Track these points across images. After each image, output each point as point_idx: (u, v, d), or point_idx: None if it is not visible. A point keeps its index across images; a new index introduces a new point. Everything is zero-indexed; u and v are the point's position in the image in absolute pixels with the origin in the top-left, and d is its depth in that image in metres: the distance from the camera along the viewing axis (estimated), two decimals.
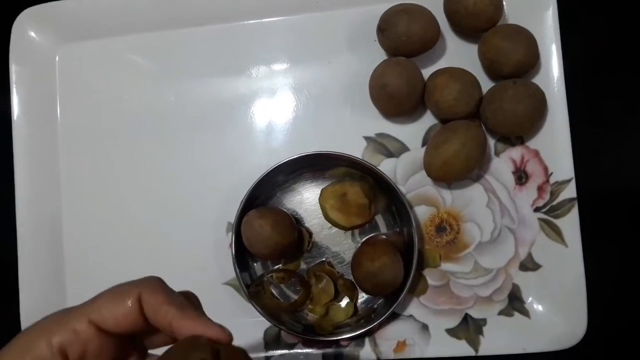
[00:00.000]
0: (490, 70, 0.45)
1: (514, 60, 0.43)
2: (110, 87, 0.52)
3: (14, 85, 0.51)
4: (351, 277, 0.47)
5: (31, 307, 0.50)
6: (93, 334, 0.26)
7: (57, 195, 0.51)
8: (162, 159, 0.51)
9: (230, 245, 0.46)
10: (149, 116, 0.51)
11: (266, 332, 0.48)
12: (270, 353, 0.47)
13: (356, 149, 0.48)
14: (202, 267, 0.49)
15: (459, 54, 0.48)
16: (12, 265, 0.50)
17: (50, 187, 0.51)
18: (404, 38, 0.44)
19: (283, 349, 0.47)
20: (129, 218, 0.51)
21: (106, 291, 0.28)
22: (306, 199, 0.49)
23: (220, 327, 0.27)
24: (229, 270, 0.47)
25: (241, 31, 0.50)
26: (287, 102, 0.50)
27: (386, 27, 0.45)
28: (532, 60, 0.44)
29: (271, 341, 0.48)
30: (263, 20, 0.50)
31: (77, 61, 0.52)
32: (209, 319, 0.27)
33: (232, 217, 0.46)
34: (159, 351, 0.27)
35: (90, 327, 0.26)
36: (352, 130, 0.48)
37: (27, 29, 0.52)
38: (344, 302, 0.47)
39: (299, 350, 0.47)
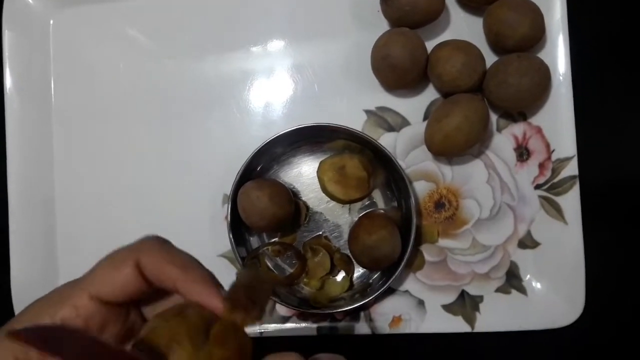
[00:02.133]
0: (495, 43, 0.44)
1: (520, 34, 0.42)
2: (105, 56, 0.50)
3: (7, 52, 0.50)
4: (348, 252, 0.46)
5: (22, 278, 0.49)
6: (94, 309, 0.26)
7: (50, 167, 0.51)
8: (157, 132, 0.50)
9: (226, 217, 0.45)
10: (144, 88, 0.50)
11: None
12: (265, 327, 0.47)
13: (356, 122, 0.47)
14: (198, 239, 0.48)
15: (463, 27, 0.46)
16: (4, 234, 0.49)
17: (43, 159, 0.50)
18: (407, 8, 0.43)
19: (277, 322, 0.47)
20: (123, 189, 0.50)
21: (103, 261, 0.27)
22: (304, 172, 0.48)
23: (219, 299, 0.25)
24: (224, 243, 0.46)
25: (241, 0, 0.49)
26: (286, 74, 0.49)
27: None
28: (538, 33, 0.43)
29: (265, 314, 0.47)
30: None
31: (72, 27, 0.51)
32: (214, 284, 0.26)
33: (228, 189, 0.45)
34: None
35: (91, 302, 0.26)
36: (353, 103, 0.48)
37: None
38: (339, 276, 0.47)
39: (293, 325, 0.47)
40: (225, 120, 0.49)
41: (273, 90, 0.49)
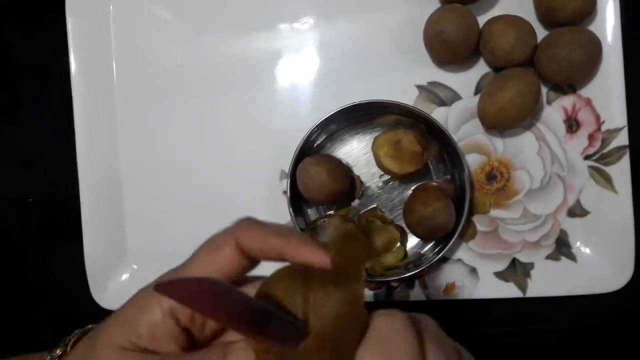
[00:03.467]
0: (546, 17, 0.45)
1: (572, 7, 0.43)
2: (163, 39, 0.52)
3: (71, 39, 0.52)
4: (401, 223, 0.48)
5: (94, 252, 0.52)
6: None
7: (115, 147, 0.53)
8: (215, 111, 0.52)
9: (285, 191, 0.47)
10: (202, 68, 0.52)
11: None
12: None
13: (408, 98, 0.49)
14: (257, 213, 0.50)
15: (512, 2, 0.47)
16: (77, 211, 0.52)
17: (109, 139, 0.53)
18: None
19: None
20: (184, 166, 0.52)
21: (202, 246, 0.27)
22: (356, 148, 0.50)
23: (324, 253, 0.25)
24: (283, 216, 0.48)
25: None
26: (339, 51, 0.50)
27: None
28: (589, 7, 0.44)
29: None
30: None
31: (131, 11, 0.53)
32: (315, 243, 0.26)
33: (284, 165, 0.48)
34: None
35: None
36: (404, 78, 0.49)
37: None
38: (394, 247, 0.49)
39: None
40: (279, 99, 0.51)
41: (325, 67, 0.50)
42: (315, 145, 0.49)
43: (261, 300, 0.23)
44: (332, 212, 0.50)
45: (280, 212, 0.49)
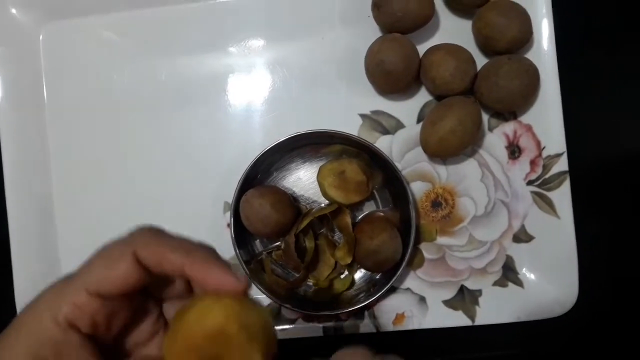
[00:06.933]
0: (485, 46, 0.46)
1: (509, 37, 0.43)
2: (96, 66, 0.50)
3: None
4: None
5: (24, 283, 0.50)
6: (97, 304, 0.25)
7: (47, 175, 0.51)
8: (154, 139, 0.50)
9: (229, 224, 0.46)
10: (139, 95, 0.50)
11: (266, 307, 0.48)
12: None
13: (352, 126, 0.48)
14: None
15: (452, 30, 0.48)
16: (4, 242, 0.49)
17: (40, 167, 0.50)
18: (400, 14, 0.44)
19: (284, 324, 0.48)
20: (123, 197, 0.50)
21: (97, 255, 0.26)
22: (302, 177, 0.49)
23: (234, 275, 0.24)
24: (227, 249, 0.47)
25: (231, 5, 0.49)
26: (281, 80, 0.49)
27: (382, 4, 0.44)
28: (526, 36, 0.44)
29: (272, 317, 0.48)
30: None
31: (62, 40, 0.51)
32: (221, 264, 0.25)
33: (228, 197, 0.46)
34: None
35: (91, 298, 0.25)
36: (347, 107, 0.48)
37: (8, 6, 0.50)
38: (342, 275, 0.48)
39: (299, 326, 0.48)
40: (221, 129, 0.50)
41: (268, 97, 0.49)
42: (260, 175, 0.48)
43: None
44: (278, 243, 0.49)
45: (224, 245, 0.47)
